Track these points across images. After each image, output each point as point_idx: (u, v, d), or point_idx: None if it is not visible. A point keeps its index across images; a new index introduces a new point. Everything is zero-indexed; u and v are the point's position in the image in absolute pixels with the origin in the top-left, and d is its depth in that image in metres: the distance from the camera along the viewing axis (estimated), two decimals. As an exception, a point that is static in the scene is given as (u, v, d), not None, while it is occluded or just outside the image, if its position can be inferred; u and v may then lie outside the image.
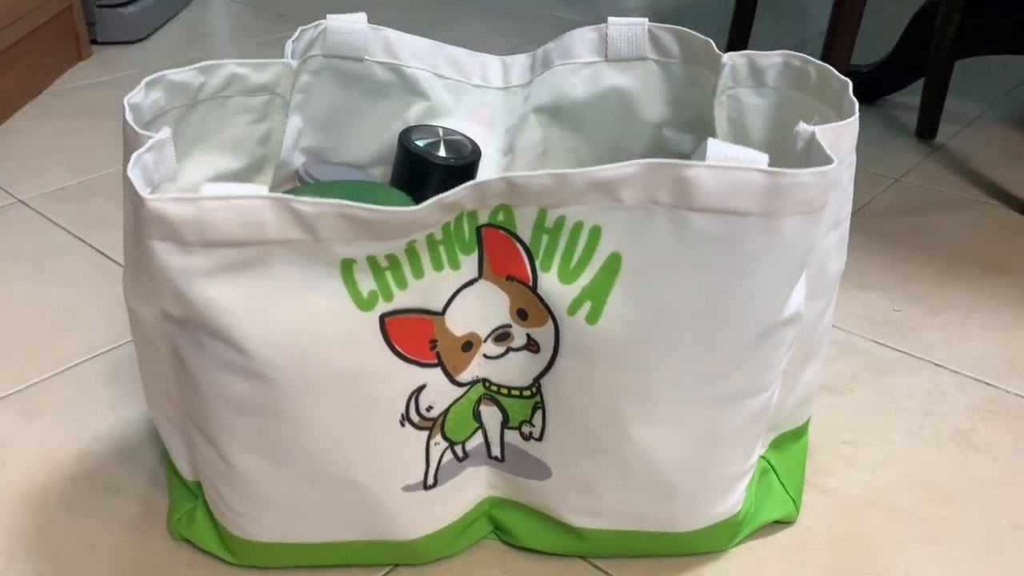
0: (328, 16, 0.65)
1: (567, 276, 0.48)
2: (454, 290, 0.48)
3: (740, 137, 0.62)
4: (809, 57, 0.57)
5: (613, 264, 0.47)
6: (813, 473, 0.66)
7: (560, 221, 0.46)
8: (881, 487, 0.65)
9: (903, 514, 0.62)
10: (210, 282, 0.43)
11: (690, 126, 0.65)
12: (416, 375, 0.49)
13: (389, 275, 0.46)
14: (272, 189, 0.65)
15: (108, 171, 1.16)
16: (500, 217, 0.46)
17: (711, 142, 0.44)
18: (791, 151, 0.56)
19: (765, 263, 0.46)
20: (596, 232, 0.46)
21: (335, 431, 0.49)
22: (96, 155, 1.20)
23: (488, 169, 0.70)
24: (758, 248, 0.45)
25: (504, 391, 0.53)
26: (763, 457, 0.61)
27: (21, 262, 0.94)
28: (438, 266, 0.47)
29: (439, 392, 0.51)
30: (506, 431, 0.54)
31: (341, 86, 0.67)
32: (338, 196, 0.43)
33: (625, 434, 0.50)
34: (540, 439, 0.53)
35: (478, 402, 0.53)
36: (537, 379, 0.51)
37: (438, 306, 0.48)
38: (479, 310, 0.49)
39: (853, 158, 0.52)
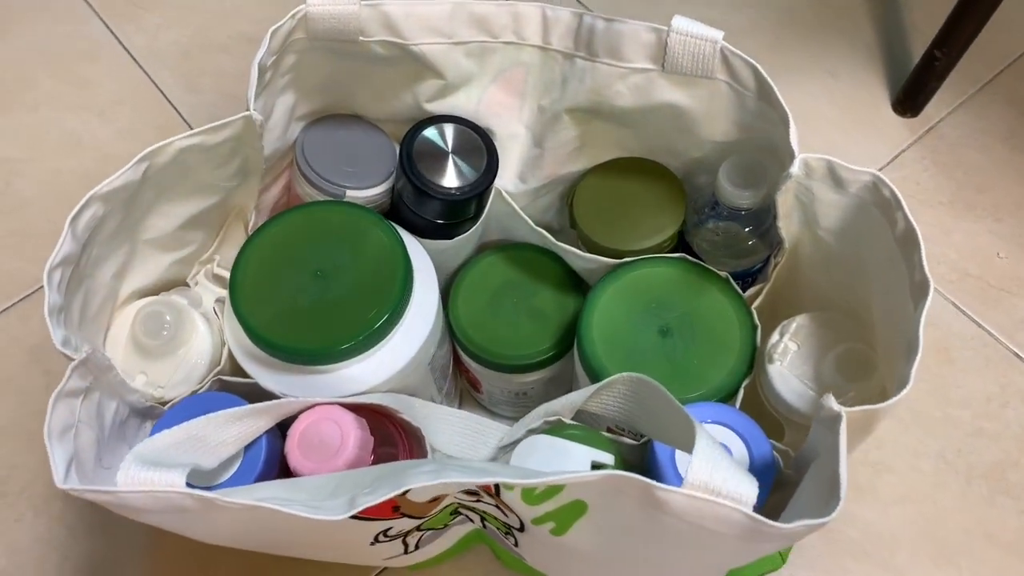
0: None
1: (531, 500, 0.44)
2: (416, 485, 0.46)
3: (809, 222, 0.49)
4: (898, 194, 0.43)
5: (578, 507, 0.43)
6: (820, 502, 0.64)
7: (518, 479, 0.41)
8: (883, 535, 0.63)
9: None
10: (149, 519, 0.42)
11: (750, 177, 0.52)
12: (380, 525, 0.49)
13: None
14: (264, 175, 0.58)
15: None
16: (452, 467, 0.42)
17: (697, 466, 0.36)
18: (867, 257, 0.45)
19: (716, 553, 0.41)
20: (556, 486, 0.42)
21: (312, 552, 0.51)
22: None
23: (514, 154, 0.59)
24: (729, 547, 0.40)
25: (477, 510, 0.52)
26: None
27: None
28: (391, 472, 0.44)
29: (408, 524, 0.51)
30: (485, 524, 0.55)
31: (335, 59, 0.55)
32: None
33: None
34: (517, 545, 0.54)
35: (455, 510, 0.53)
36: (508, 530, 0.50)
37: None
38: (444, 488, 0.47)
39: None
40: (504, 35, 0.54)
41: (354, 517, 0.46)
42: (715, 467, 0.37)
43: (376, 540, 0.51)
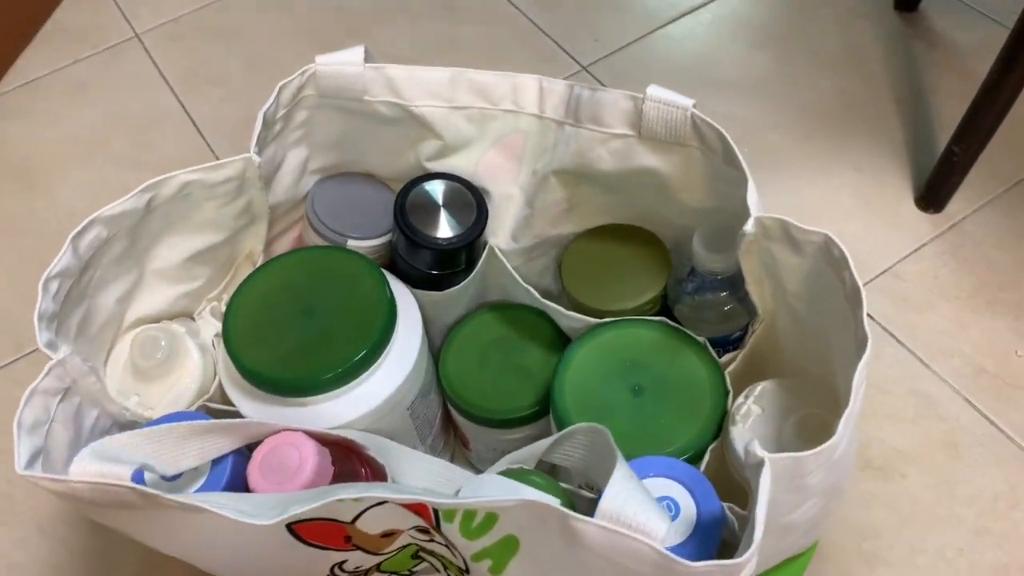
0: (317, 58, 0.56)
1: (469, 534, 0.44)
2: (362, 509, 0.47)
3: (780, 291, 0.50)
4: (847, 253, 0.43)
5: (511, 543, 0.43)
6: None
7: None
8: (873, 629, 0.60)
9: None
10: (101, 516, 0.44)
11: (722, 242, 0.53)
12: (333, 556, 0.50)
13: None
14: (272, 225, 0.62)
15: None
16: (387, 489, 0.43)
17: (609, 497, 0.37)
18: (828, 321, 0.46)
19: None
20: (492, 517, 0.42)
21: (263, 570, 0.52)
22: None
23: (508, 214, 0.61)
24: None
25: (436, 554, 0.52)
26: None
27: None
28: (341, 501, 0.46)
29: (364, 559, 0.51)
30: (447, 571, 0.55)
31: (346, 117, 0.59)
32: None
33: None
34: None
35: (415, 553, 0.54)
36: (463, 569, 0.51)
37: (347, 519, 0.47)
38: (392, 519, 0.48)
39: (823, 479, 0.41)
40: (503, 103, 0.58)
41: (303, 541, 0.47)
42: (627, 500, 0.37)
43: (332, 571, 0.51)
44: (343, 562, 0.51)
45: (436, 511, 0.44)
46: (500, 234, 0.61)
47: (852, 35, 0.98)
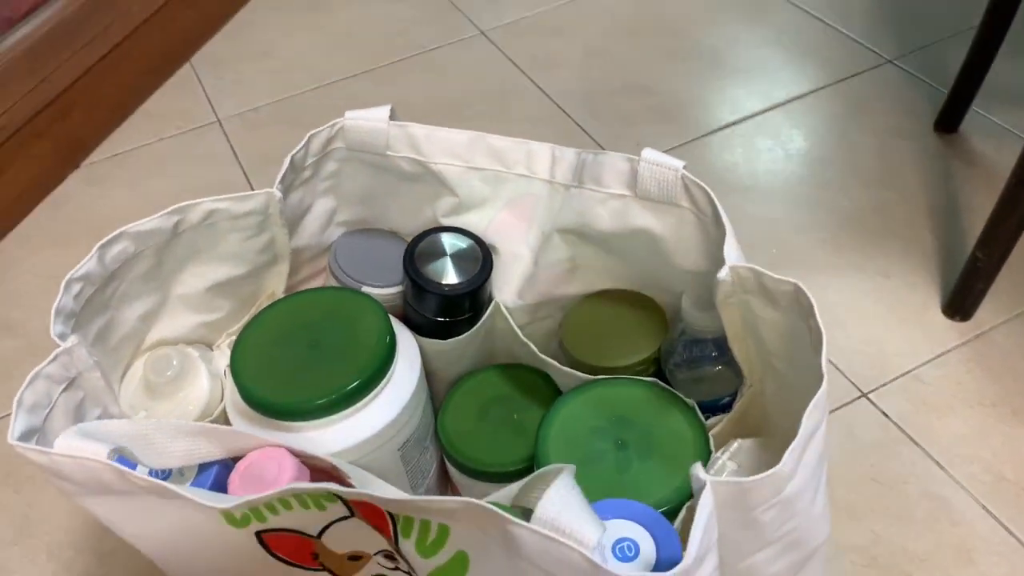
0: (346, 113, 0.61)
1: (424, 551, 0.45)
2: (325, 524, 0.48)
3: (759, 346, 0.51)
4: (813, 302, 0.44)
5: (462, 560, 0.44)
6: None
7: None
8: None
9: None
10: (84, 499, 0.47)
11: (711, 300, 0.54)
12: (301, 572, 0.51)
13: (260, 504, 0.47)
14: (298, 269, 0.66)
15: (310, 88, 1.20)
16: (347, 492, 0.44)
17: (545, 503, 0.37)
18: (805, 377, 0.46)
19: None
20: (444, 529, 0.43)
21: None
22: (305, 62, 1.25)
23: (515, 272, 0.64)
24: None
25: (405, 587, 0.53)
26: None
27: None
28: (304, 506, 0.47)
29: (332, 584, 0.52)
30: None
31: (371, 172, 0.63)
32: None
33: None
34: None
35: (385, 584, 0.54)
36: None
37: (312, 532, 0.48)
38: (357, 538, 0.49)
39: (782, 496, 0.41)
40: (517, 168, 0.62)
41: (272, 554, 0.48)
42: (564, 508, 0.37)
43: (301, 596, 0.52)
44: (311, 584, 0.51)
45: (395, 525, 0.45)
46: (506, 291, 0.64)
47: (890, 152, 1.00)
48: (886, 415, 0.74)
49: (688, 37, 1.21)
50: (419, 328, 0.63)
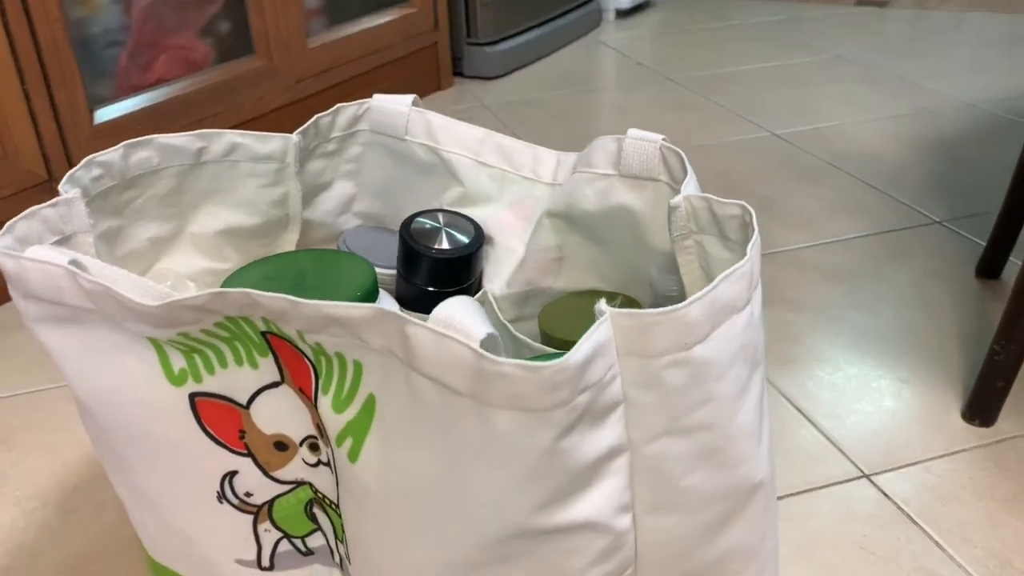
0: (375, 95, 0.67)
1: (339, 405, 0.45)
2: (256, 388, 0.48)
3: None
4: (756, 229, 0.45)
5: (370, 406, 0.43)
6: None
7: (319, 347, 0.44)
8: None
9: None
10: (43, 328, 0.49)
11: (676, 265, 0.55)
12: (225, 458, 0.50)
13: (197, 358, 0.48)
14: (310, 248, 0.70)
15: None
16: (274, 328, 0.45)
17: (442, 305, 0.38)
18: None
19: (485, 456, 0.38)
20: (359, 368, 0.43)
21: (164, 486, 0.52)
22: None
23: (507, 265, 0.66)
24: (473, 436, 0.38)
25: (327, 501, 0.51)
26: None
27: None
28: (238, 360, 0.48)
29: (255, 482, 0.51)
30: (338, 543, 0.53)
31: (391, 160, 0.69)
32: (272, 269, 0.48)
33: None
34: (350, 562, 0.51)
35: (310, 504, 0.52)
36: (341, 537, 0.49)
37: (242, 399, 0.49)
38: (285, 415, 0.49)
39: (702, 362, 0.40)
40: (523, 171, 0.66)
41: (201, 425, 0.49)
42: (458, 310, 0.38)
43: (222, 489, 0.51)
44: (234, 473, 0.51)
45: (317, 380, 0.46)
46: (496, 282, 0.66)
47: (928, 290, 0.99)
48: (886, 494, 0.69)
49: (744, 188, 1.27)
50: (408, 303, 0.65)
